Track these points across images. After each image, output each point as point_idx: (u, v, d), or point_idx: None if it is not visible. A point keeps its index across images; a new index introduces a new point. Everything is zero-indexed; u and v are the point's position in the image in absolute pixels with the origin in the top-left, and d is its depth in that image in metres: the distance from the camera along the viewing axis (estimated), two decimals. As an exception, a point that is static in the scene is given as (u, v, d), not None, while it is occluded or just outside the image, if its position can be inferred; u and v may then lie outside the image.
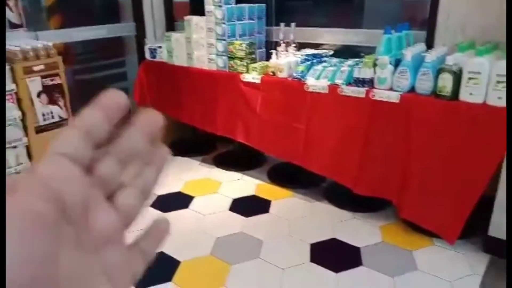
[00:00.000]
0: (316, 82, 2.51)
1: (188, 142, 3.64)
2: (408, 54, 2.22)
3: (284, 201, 2.72)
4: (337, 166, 2.49)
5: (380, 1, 3.79)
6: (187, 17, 3.14)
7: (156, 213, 2.62)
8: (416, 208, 2.25)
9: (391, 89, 2.26)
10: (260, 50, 3.12)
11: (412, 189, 2.24)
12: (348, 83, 2.40)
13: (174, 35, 3.25)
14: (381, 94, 2.26)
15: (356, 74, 2.37)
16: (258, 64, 2.82)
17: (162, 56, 3.36)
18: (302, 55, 2.80)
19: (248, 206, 2.67)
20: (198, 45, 3.09)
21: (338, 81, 2.45)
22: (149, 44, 3.60)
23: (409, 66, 2.21)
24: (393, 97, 2.22)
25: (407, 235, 2.31)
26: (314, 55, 2.80)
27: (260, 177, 3.04)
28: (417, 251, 2.18)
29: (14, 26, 3.03)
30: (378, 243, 2.26)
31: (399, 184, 2.27)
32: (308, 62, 2.67)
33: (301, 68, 2.64)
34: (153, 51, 3.44)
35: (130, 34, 3.86)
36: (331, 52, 2.90)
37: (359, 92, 2.33)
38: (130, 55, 3.99)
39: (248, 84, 2.80)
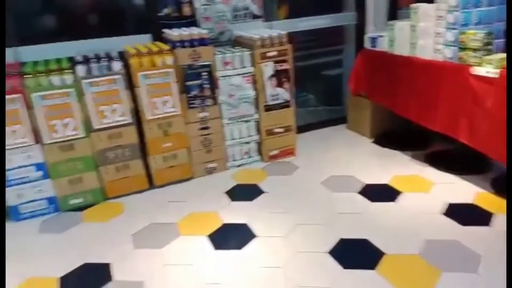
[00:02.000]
0: None
1: (400, 135, 3.53)
2: None
3: (511, 217, 2.37)
4: None
5: None
6: (414, 5, 2.99)
7: (362, 200, 2.68)
8: None
9: None
10: (499, 40, 2.73)
11: None
12: None
13: (398, 24, 3.15)
14: None
15: None
16: (495, 57, 2.48)
17: (383, 45, 3.32)
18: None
19: (465, 214, 2.43)
20: (424, 34, 2.92)
21: None
22: (370, 33, 3.61)
23: None
24: None
25: None
26: None
27: (482, 185, 2.72)
28: None
29: (255, 17, 3.50)
30: None
31: None
32: None
33: (557, 63, 2.20)
34: (373, 40, 3.43)
35: (351, 23, 3.96)
36: None
37: None
38: (348, 43, 4.10)
39: (479, 78, 2.50)
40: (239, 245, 2.30)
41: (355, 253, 2.19)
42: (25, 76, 2.57)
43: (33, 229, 2.62)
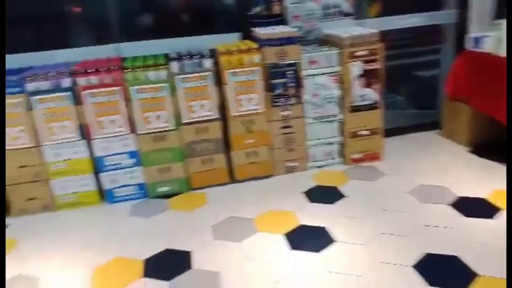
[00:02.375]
0: None
1: (502, 145, 3.17)
2: None
3: None
4: None
5: None
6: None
7: (454, 214, 2.46)
8: None
9: None
10: None
11: None
12: None
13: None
14: None
15: None
16: None
17: (487, 46, 3.01)
18: None
19: None
20: (540, 33, 2.59)
21: None
22: (472, 32, 3.30)
23: None
24: None
25: None
26: None
27: None
28: None
29: (345, 15, 3.40)
30: None
31: None
32: None
33: None
34: (477, 40, 3.12)
35: (450, 22, 3.65)
36: None
37: None
38: (446, 42, 3.78)
39: None
40: (317, 248, 2.25)
41: (444, 271, 2.01)
42: (125, 70, 2.78)
43: (124, 211, 2.84)
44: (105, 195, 2.96)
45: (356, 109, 3.13)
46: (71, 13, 3.35)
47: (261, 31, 3.02)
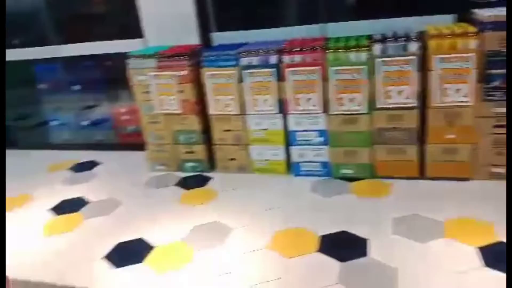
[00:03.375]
0: None
1: None
2: None
3: None
4: None
5: None
6: None
7: None
8: None
9: None
10: None
11: None
12: None
13: None
14: None
15: None
16: None
17: None
18: None
19: None
20: None
21: None
22: None
23: None
24: None
25: None
26: None
27: None
28: None
29: None
30: None
31: None
32: None
33: None
34: None
35: None
36: None
37: None
38: None
39: None
40: (519, 273, 1.90)
41: None
42: (327, 50, 2.84)
43: (306, 185, 2.97)
44: (291, 167, 3.16)
45: None
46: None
47: (483, 13, 2.62)
